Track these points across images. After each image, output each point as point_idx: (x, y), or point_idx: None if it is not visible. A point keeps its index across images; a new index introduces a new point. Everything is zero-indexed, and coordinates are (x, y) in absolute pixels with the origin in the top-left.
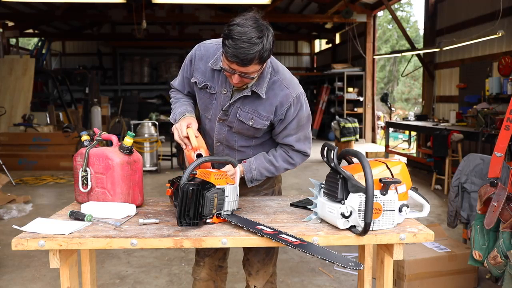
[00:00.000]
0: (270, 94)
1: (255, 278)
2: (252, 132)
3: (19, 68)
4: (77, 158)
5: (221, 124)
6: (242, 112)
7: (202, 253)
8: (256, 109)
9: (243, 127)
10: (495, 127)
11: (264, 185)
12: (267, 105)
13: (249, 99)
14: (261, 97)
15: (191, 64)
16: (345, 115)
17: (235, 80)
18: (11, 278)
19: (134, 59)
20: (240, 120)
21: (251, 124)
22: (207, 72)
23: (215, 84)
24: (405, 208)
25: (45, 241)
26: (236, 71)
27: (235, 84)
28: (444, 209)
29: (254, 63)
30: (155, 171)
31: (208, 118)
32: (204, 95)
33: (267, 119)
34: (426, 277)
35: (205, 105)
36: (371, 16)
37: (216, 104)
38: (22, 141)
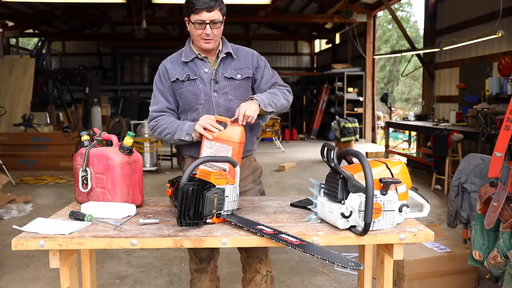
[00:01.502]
0: (238, 54)
1: (266, 263)
2: (241, 89)
3: (19, 68)
4: (77, 158)
5: (217, 96)
6: (227, 72)
7: (207, 258)
8: (235, 66)
9: (234, 84)
10: (495, 127)
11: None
12: (241, 60)
13: (227, 63)
14: (234, 59)
15: (163, 76)
16: (345, 115)
17: (208, 31)
18: (11, 278)
19: (134, 59)
20: (230, 78)
21: (239, 77)
22: (181, 69)
23: (194, 71)
24: (405, 208)
25: (45, 241)
26: (206, 20)
27: (205, 38)
28: (444, 209)
29: (217, 9)
30: (155, 171)
31: (201, 104)
32: (189, 85)
33: (248, 69)
34: (426, 277)
35: (193, 94)
36: (371, 16)
37: (203, 86)
38: (22, 141)
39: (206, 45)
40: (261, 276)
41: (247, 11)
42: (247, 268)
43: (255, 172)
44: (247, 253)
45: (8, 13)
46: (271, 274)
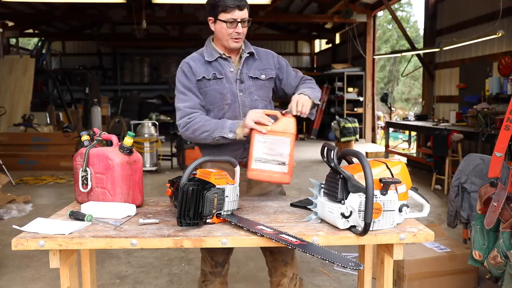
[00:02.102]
0: (259, 55)
1: (291, 265)
2: (266, 89)
3: (19, 68)
4: (77, 158)
5: (243, 96)
6: (251, 72)
7: (223, 262)
8: (258, 67)
9: (259, 84)
10: (495, 127)
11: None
12: (263, 61)
13: (250, 63)
14: (256, 59)
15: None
16: (345, 115)
17: (239, 29)
18: (11, 278)
19: (134, 59)
20: (255, 78)
21: (264, 77)
22: (206, 68)
23: (219, 71)
24: (405, 208)
25: (45, 241)
26: (237, 19)
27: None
28: (444, 209)
29: (246, 8)
30: (155, 171)
31: (227, 104)
32: (216, 84)
33: (271, 70)
34: (426, 277)
35: (220, 93)
36: (371, 16)
37: (229, 85)
38: (22, 141)
39: (235, 44)
40: (288, 279)
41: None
42: (273, 271)
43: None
44: (272, 256)
45: (8, 13)
46: (299, 277)
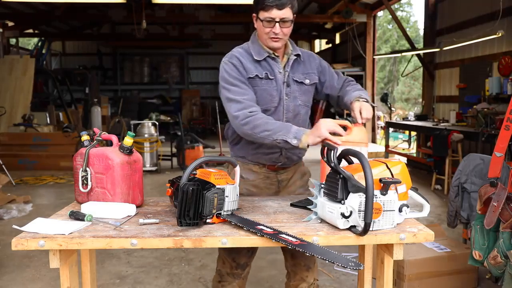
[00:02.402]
0: (304, 57)
1: (313, 270)
2: (309, 94)
3: (19, 68)
4: (77, 158)
5: (288, 100)
6: (296, 76)
7: (245, 265)
8: (303, 71)
9: (303, 89)
10: (495, 127)
11: None
12: (308, 65)
13: (295, 66)
14: (300, 61)
15: (240, 68)
16: (345, 115)
17: (277, 30)
18: (11, 278)
19: (134, 59)
20: (300, 82)
21: (308, 82)
22: (256, 66)
23: (269, 70)
24: (405, 208)
25: (45, 241)
26: (275, 18)
27: (273, 37)
28: (444, 209)
29: (288, 7)
30: (155, 171)
31: (273, 107)
32: (266, 84)
33: (314, 74)
34: (426, 277)
35: (269, 94)
36: (371, 16)
37: (277, 87)
38: (22, 141)
39: (274, 44)
40: (307, 284)
41: (247, 11)
42: (292, 275)
43: (303, 177)
44: (294, 260)
45: (8, 13)
46: (317, 283)
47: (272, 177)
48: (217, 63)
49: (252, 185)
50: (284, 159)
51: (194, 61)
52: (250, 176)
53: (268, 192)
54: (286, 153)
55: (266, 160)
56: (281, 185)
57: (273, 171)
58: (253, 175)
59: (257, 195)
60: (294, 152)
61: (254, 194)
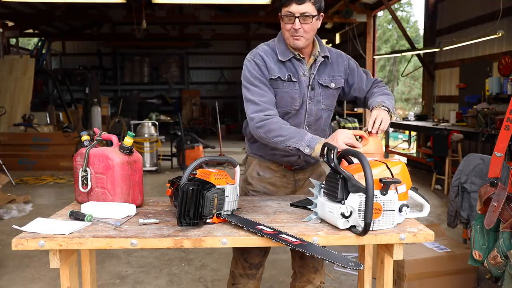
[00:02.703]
0: (333, 58)
1: (321, 273)
2: (333, 98)
3: (19, 68)
4: (77, 158)
5: (311, 104)
6: (322, 79)
7: (258, 264)
8: (330, 73)
9: (328, 93)
10: (495, 127)
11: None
12: (335, 67)
13: (321, 68)
14: (328, 63)
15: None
16: (345, 115)
17: (296, 25)
18: (11, 278)
19: (134, 59)
20: (325, 86)
21: (333, 86)
22: (279, 67)
23: (293, 73)
24: (405, 208)
25: (45, 241)
26: (295, 14)
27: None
28: (444, 209)
29: (310, 2)
30: (155, 171)
31: (294, 110)
32: (288, 87)
33: (341, 77)
34: (426, 277)
35: (291, 97)
36: (371, 16)
37: (300, 90)
38: (22, 141)
39: (295, 42)
40: (314, 286)
41: (247, 11)
42: (299, 276)
43: (319, 178)
44: (302, 261)
45: (8, 13)
46: (324, 286)
47: (289, 176)
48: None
49: (269, 182)
50: (302, 162)
51: (194, 61)
52: (267, 174)
53: (285, 191)
54: (304, 157)
55: (284, 162)
56: (297, 184)
57: (290, 170)
58: (270, 173)
59: (273, 194)
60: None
61: (271, 192)
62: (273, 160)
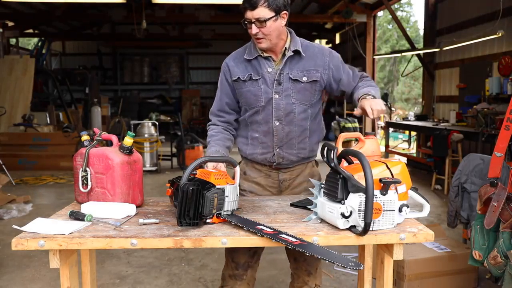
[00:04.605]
0: (308, 53)
1: (315, 276)
2: (309, 93)
3: (19, 68)
4: (77, 158)
5: (279, 99)
6: (292, 74)
7: (245, 265)
8: (303, 67)
9: (299, 87)
10: (495, 127)
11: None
12: (310, 61)
13: (294, 62)
14: (302, 57)
15: (226, 74)
16: (345, 115)
17: (253, 30)
18: (11, 278)
19: (134, 59)
20: (295, 80)
21: (305, 80)
22: (244, 68)
23: (257, 71)
24: (405, 208)
25: (45, 241)
26: (251, 19)
27: (255, 37)
28: (444, 209)
29: (262, 6)
30: (155, 171)
31: (261, 106)
32: (251, 86)
33: (316, 71)
34: (426, 277)
35: (254, 95)
36: (371, 16)
37: (264, 87)
38: (22, 141)
39: (259, 45)
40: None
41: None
42: (295, 277)
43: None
44: (296, 264)
45: (8, 13)
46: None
47: (273, 176)
48: (217, 63)
49: (254, 182)
50: (279, 159)
51: (194, 61)
52: (253, 173)
53: (270, 191)
54: (279, 153)
55: (262, 160)
56: (283, 185)
57: (274, 170)
58: (255, 172)
59: (259, 193)
60: (290, 152)
61: (257, 191)
62: (253, 158)
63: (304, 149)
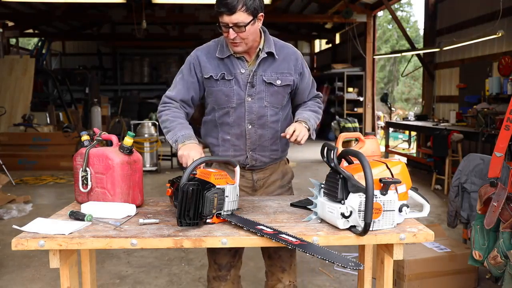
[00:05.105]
0: (282, 55)
1: (289, 273)
2: (281, 96)
3: (19, 68)
4: (77, 158)
5: (251, 102)
6: (266, 76)
7: (227, 265)
8: (277, 70)
9: (272, 91)
10: (495, 127)
11: (288, 180)
12: (284, 64)
13: (267, 63)
14: (276, 59)
15: (194, 67)
16: (345, 115)
17: (231, 35)
18: (11, 278)
19: (134, 59)
20: (269, 83)
21: (279, 83)
22: (216, 65)
23: (229, 70)
24: (405, 208)
25: (45, 241)
26: (229, 24)
27: (231, 41)
28: (444, 209)
29: (241, 10)
30: (155, 171)
31: (232, 108)
32: (223, 85)
33: (290, 75)
34: (426, 277)
35: (226, 95)
36: (371, 16)
37: (237, 88)
38: (22, 141)
39: (235, 49)
40: (283, 285)
41: None
42: (269, 275)
43: (284, 177)
44: (270, 261)
45: (8, 13)
46: (295, 284)
47: (247, 176)
48: None
49: None
50: (252, 162)
51: None
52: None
53: (245, 191)
54: (252, 155)
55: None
56: (257, 184)
57: (248, 170)
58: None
59: None
60: (263, 155)
61: None
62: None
63: (276, 150)
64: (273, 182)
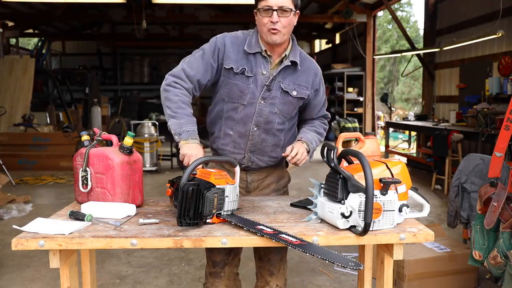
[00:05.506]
0: (304, 67)
1: (277, 277)
2: (293, 107)
3: (19, 68)
4: (77, 158)
5: (263, 105)
6: (284, 84)
7: (221, 263)
8: (296, 80)
9: (286, 100)
10: (495, 127)
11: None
12: (303, 76)
13: (288, 72)
14: (297, 69)
15: (219, 52)
16: (345, 115)
17: (274, 18)
18: (11, 278)
19: (134, 59)
20: (285, 91)
21: (295, 94)
22: (240, 58)
23: (251, 67)
24: (405, 208)
25: (45, 241)
26: (273, 7)
27: (271, 28)
28: (444, 209)
29: None
30: (155, 171)
31: (242, 104)
32: (240, 80)
33: (307, 89)
34: (426, 277)
35: (240, 91)
36: (371, 16)
37: (253, 87)
38: (22, 141)
39: (273, 37)
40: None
41: (247, 11)
42: (259, 276)
43: (280, 180)
44: (260, 263)
45: (8, 13)
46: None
47: (241, 176)
48: None
49: None
50: (248, 162)
51: None
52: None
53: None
54: (250, 157)
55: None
56: (251, 185)
57: (242, 170)
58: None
59: None
60: (261, 159)
61: None
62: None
63: (275, 157)
64: (268, 185)
